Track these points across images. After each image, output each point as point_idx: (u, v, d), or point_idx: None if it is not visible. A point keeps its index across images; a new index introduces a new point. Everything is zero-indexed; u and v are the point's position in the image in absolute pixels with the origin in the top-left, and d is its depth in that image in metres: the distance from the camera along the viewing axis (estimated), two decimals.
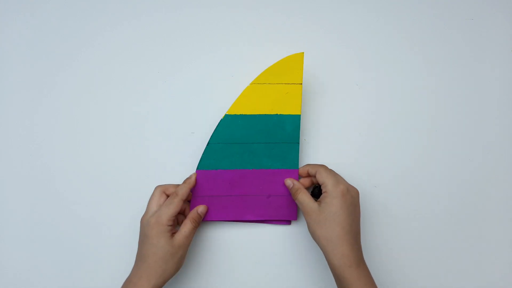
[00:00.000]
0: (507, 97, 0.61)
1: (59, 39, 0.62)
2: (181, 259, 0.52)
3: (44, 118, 0.61)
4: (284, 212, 0.57)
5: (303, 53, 0.55)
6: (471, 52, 0.62)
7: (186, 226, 0.53)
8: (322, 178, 0.52)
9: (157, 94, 0.61)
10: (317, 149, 0.60)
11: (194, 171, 0.58)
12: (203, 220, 0.57)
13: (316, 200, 0.52)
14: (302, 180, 0.56)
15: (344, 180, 0.53)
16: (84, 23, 0.62)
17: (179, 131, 0.60)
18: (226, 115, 0.55)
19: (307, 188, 0.55)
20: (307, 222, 0.52)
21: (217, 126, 0.56)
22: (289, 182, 0.55)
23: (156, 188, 0.55)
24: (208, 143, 0.56)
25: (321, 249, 0.51)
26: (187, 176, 0.56)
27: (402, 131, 0.60)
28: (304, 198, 0.52)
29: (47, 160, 0.60)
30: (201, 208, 0.55)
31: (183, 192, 0.53)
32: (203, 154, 0.56)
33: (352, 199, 0.51)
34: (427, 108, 0.61)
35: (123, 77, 0.61)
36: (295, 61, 0.55)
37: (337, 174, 0.54)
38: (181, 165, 0.59)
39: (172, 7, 0.62)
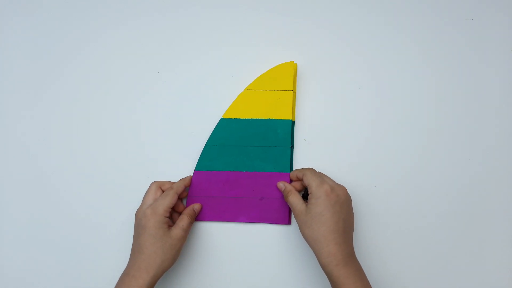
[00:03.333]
0: (507, 97, 0.61)
1: (59, 39, 0.62)
2: (178, 252, 0.53)
3: (43, 118, 0.61)
4: (277, 215, 0.58)
5: (293, 62, 0.58)
6: (471, 52, 0.61)
7: (183, 220, 0.54)
8: (307, 180, 0.53)
9: (157, 94, 0.61)
10: (317, 149, 0.60)
11: (193, 171, 0.58)
12: (197, 220, 0.58)
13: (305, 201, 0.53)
14: (293, 183, 0.57)
15: (330, 180, 0.54)
16: (84, 23, 0.62)
17: (179, 131, 0.60)
18: (221, 119, 0.58)
19: (299, 191, 0.56)
20: (297, 223, 0.53)
21: (214, 129, 0.58)
22: (281, 185, 0.57)
23: (152, 183, 0.56)
24: (205, 144, 0.58)
25: (311, 249, 0.52)
26: (185, 176, 0.58)
27: (402, 131, 0.60)
28: (294, 199, 0.54)
29: (47, 160, 0.61)
30: (196, 206, 0.57)
31: (178, 186, 0.56)
32: (200, 155, 0.58)
33: (337, 197, 0.51)
34: (427, 108, 0.61)
35: (123, 77, 0.61)
36: (285, 69, 0.58)
37: (323, 175, 0.55)
38: (180, 165, 0.60)
39: (172, 7, 0.62)
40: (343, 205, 0.52)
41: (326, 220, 0.50)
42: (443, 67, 0.61)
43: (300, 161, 0.60)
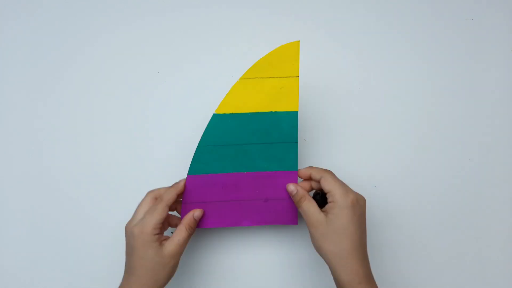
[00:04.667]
0: (507, 97, 0.61)
1: (60, 39, 0.62)
2: (173, 268, 0.48)
3: (44, 119, 0.61)
4: (284, 217, 0.54)
5: (298, 41, 0.49)
6: (471, 52, 0.61)
7: (181, 234, 0.48)
8: (329, 186, 0.47)
9: (157, 94, 0.61)
10: (317, 149, 0.60)
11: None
12: (198, 228, 0.53)
13: (321, 210, 0.48)
14: (302, 183, 0.51)
15: (351, 189, 0.48)
16: (85, 24, 0.62)
17: (179, 131, 0.60)
18: (214, 115, 0.50)
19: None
20: (311, 234, 0.48)
21: (206, 127, 0.51)
22: (292, 188, 0.50)
23: (147, 193, 0.51)
24: (198, 145, 0.51)
25: (328, 264, 0.47)
26: (178, 180, 0.53)
27: (402, 130, 0.60)
28: (310, 207, 0.48)
29: (48, 160, 0.61)
30: (197, 212, 0.51)
31: (169, 198, 0.49)
32: (193, 158, 0.51)
33: (361, 209, 0.47)
34: (427, 108, 0.61)
35: (123, 77, 0.62)
36: (289, 51, 0.49)
37: (343, 182, 0.49)
38: (181, 165, 0.59)
39: (172, 8, 0.62)
40: (363, 218, 0.47)
41: (351, 233, 0.45)
42: (443, 67, 0.61)
43: (300, 161, 0.60)
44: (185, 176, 0.58)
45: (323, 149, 0.60)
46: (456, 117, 0.61)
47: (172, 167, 0.60)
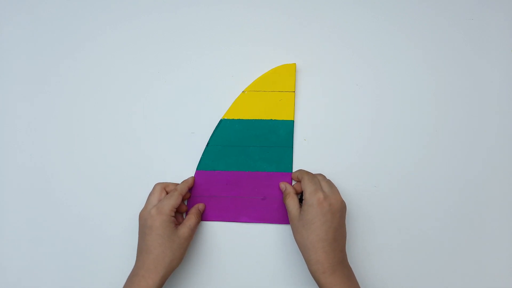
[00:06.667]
0: (507, 97, 0.61)
1: (58, 38, 0.62)
2: (185, 251, 0.53)
3: (42, 118, 0.61)
4: (279, 215, 0.58)
5: (295, 64, 0.59)
6: (471, 52, 0.61)
7: (191, 220, 0.55)
8: (303, 185, 0.53)
9: (157, 94, 0.61)
10: (317, 149, 0.60)
11: (194, 171, 0.59)
12: (201, 221, 0.58)
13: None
14: (295, 185, 0.57)
15: (327, 186, 0.53)
16: (84, 22, 0.62)
17: (179, 131, 0.61)
18: (222, 120, 0.58)
19: (299, 193, 0.57)
20: (291, 228, 0.54)
21: (215, 129, 0.59)
22: (282, 185, 0.57)
23: (156, 184, 0.57)
24: (207, 144, 0.58)
25: (302, 254, 0.52)
26: (187, 176, 0.59)
27: (402, 131, 0.60)
28: (291, 203, 0.54)
29: (46, 160, 0.61)
30: (201, 205, 0.58)
31: (182, 188, 0.56)
32: (202, 155, 0.59)
33: (329, 206, 0.51)
34: (427, 108, 0.61)
35: (123, 77, 0.62)
36: (287, 71, 0.59)
37: (322, 180, 0.55)
38: (180, 165, 0.60)
39: (173, 7, 0.62)
40: (335, 214, 0.51)
41: (316, 228, 0.50)
42: (443, 67, 0.61)
43: (300, 161, 0.60)
44: (185, 175, 0.58)
45: (323, 149, 0.60)
46: (456, 117, 0.61)
47: (172, 167, 0.60)
